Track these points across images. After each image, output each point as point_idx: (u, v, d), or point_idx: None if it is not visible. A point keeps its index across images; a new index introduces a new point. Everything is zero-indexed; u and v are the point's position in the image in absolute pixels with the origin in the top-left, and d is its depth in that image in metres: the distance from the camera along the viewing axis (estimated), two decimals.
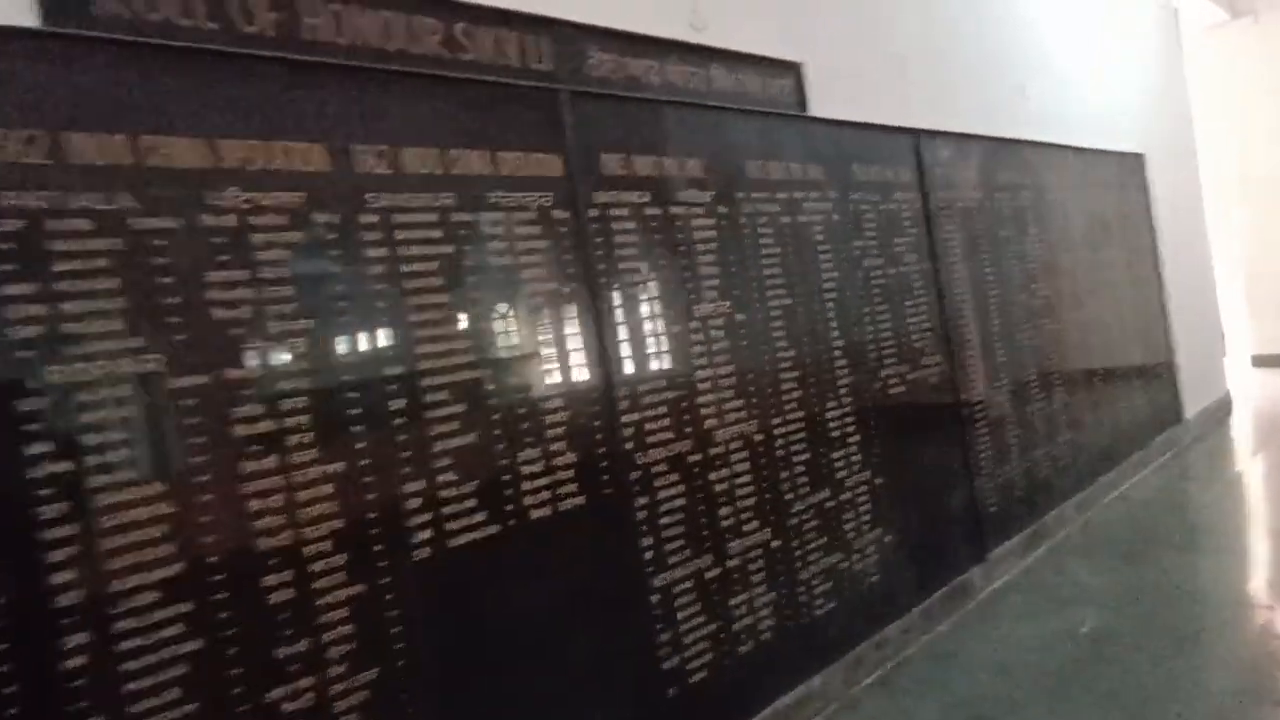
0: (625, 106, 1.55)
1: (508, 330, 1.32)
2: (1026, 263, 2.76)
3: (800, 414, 1.81)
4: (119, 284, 0.96)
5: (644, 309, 1.53)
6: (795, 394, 1.81)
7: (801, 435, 1.81)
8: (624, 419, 1.47)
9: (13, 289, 0.89)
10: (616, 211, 1.51)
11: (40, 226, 0.92)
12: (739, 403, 1.68)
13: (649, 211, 1.56)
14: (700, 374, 1.61)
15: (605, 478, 1.43)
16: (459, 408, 1.24)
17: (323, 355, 1.11)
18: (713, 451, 1.62)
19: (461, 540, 1.22)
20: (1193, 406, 3.87)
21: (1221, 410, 4.26)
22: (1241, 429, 4.11)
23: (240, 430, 1.03)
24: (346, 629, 1.09)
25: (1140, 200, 3.70)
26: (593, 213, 1.47)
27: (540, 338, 1.36)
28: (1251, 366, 5.59)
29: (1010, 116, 2.80)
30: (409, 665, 1.15)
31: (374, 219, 1.18)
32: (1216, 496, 3.06)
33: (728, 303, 1.69)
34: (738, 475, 1.66)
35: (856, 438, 1.95)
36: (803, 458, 1.81)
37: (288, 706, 1.04)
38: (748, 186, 1.78)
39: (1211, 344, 4.36)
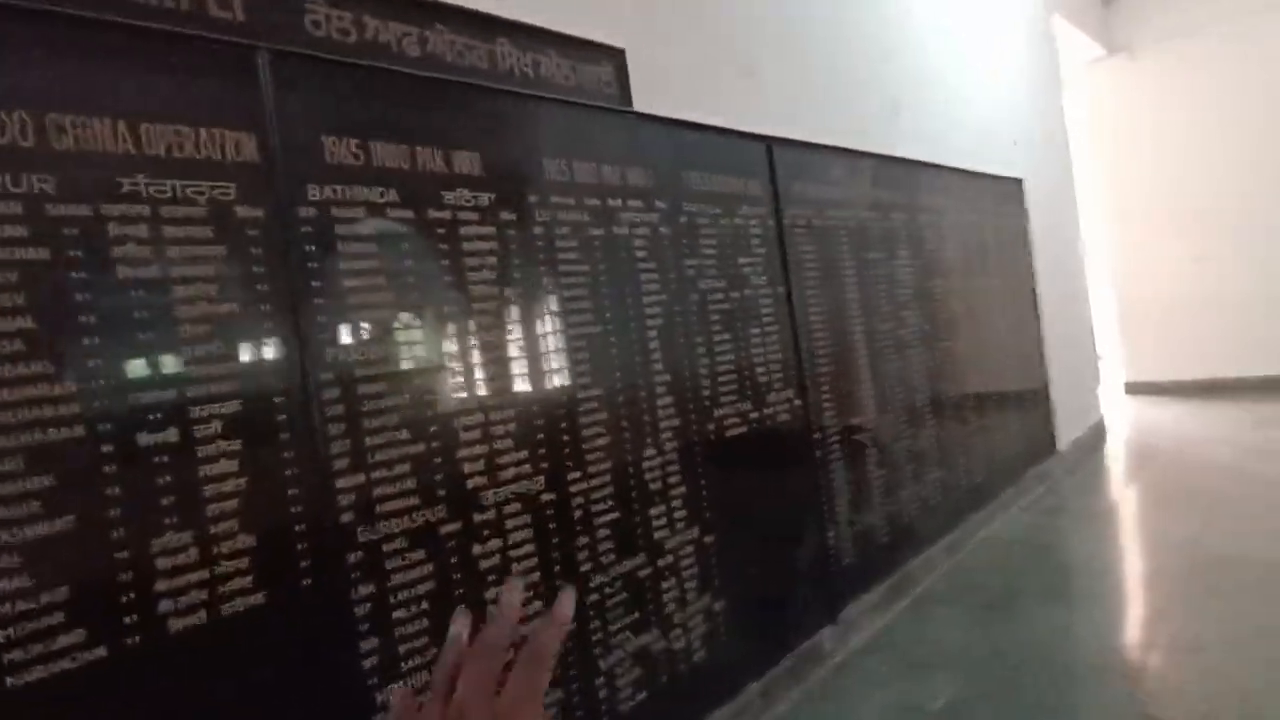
0: (364, 78, 1.21)
1: (138, 371, 0.95)
2: (896, 288, 2.57)
3: (606, 465, 1.50)
4: None
5: (377, 339, 1.18)
6: (600, 441, 1.50)
7: (607, 490, 1.50)
8: (340, 483, 1.12)
9: None
10: (343, 212, 1.16)
11: None
12: (518, 454, 1.36)
13: (395, 214, 1.22)
14: (464, 421, 1.28)
15: (304, 564, 1.07)
16: (40, 482, 0.86)
17: None
18: (478, 518, 1.28)
19: (33, 675, 0.84)
20: (1066, 436, 3.82)
21: (1095, 439, 4.25)
22: (1115, 458, 4.10)
23: None
24: None
25: (1018, 226, 3.62)
26: (305, 212, 1.12)
27: (202, 374, 1.00)
28: (1125, 394, 5.71)
29: (883, 132, 2.61)
30: None
31: None
32: (1088, 535, 2.95)
33: (508, 330, 1.36)
34: (514, 545, 1.33)
35: (681, 490, 1.66)
36: (608, 518, 1.50)
37: None
38: (545, 190, 1.47)
39: (1086, 372, 4.36)
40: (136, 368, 0.95)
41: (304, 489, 1.08)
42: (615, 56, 1.64)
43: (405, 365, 1.21)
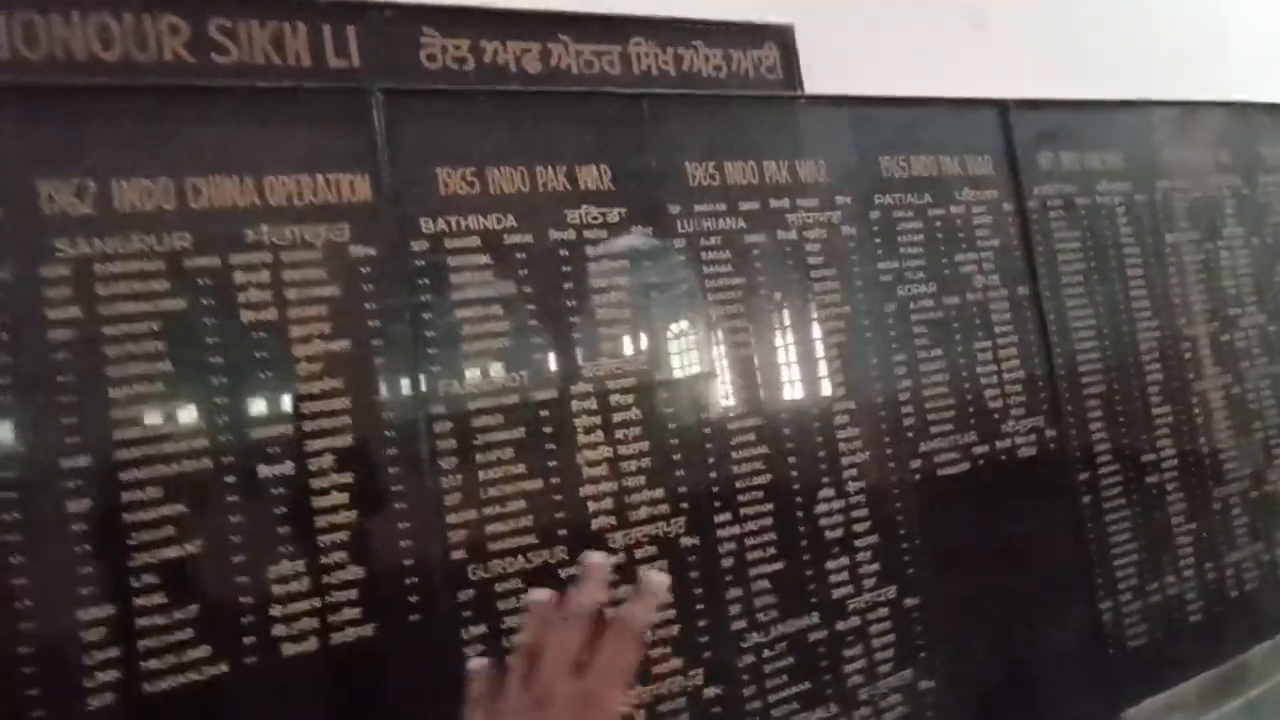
0: (478, 104, 1.19)
1: (259, 408, 1.02)
2: (1218, 277, 1.92)
3: (765, 507, 1.30)
4: None
5: (490, 371, 1.15)
6: (757, 480, 1.30)
7: (767, 537, 1.30)
8: (451, 518, 1.10)
9: None
10: (456, 243, 1.15)
11: None
12: (652, 493, 1.23)
13: (512, 239, 1.18)
14: (587, 456, 1.19)
15: (414, 599, 1.07)
16: (169, 510, 0.96)
17: None
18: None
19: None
20: None
21: None
22: None
23: None
24: None
25: None
26: (417, 245, 1.12)
27: (316, 410, 1.04)
28: None
29: (1193, 71, 1.97)
30: None
31: (64, 271, 0.94)
32: None
33: (639, 356, 1.25)
34: None
35: (871, 539, 1.38)
36: (768, 569, 1.29)
37: None
38: (689, 197, 1.32)
39: None
40: (257, 405, 1.02)
41: (415, 523, 1.08)
42: (780, 35, 1.43)
43: (520, 398, 1.16)
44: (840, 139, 1.47)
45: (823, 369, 1.40)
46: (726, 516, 1.28)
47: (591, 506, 1.19)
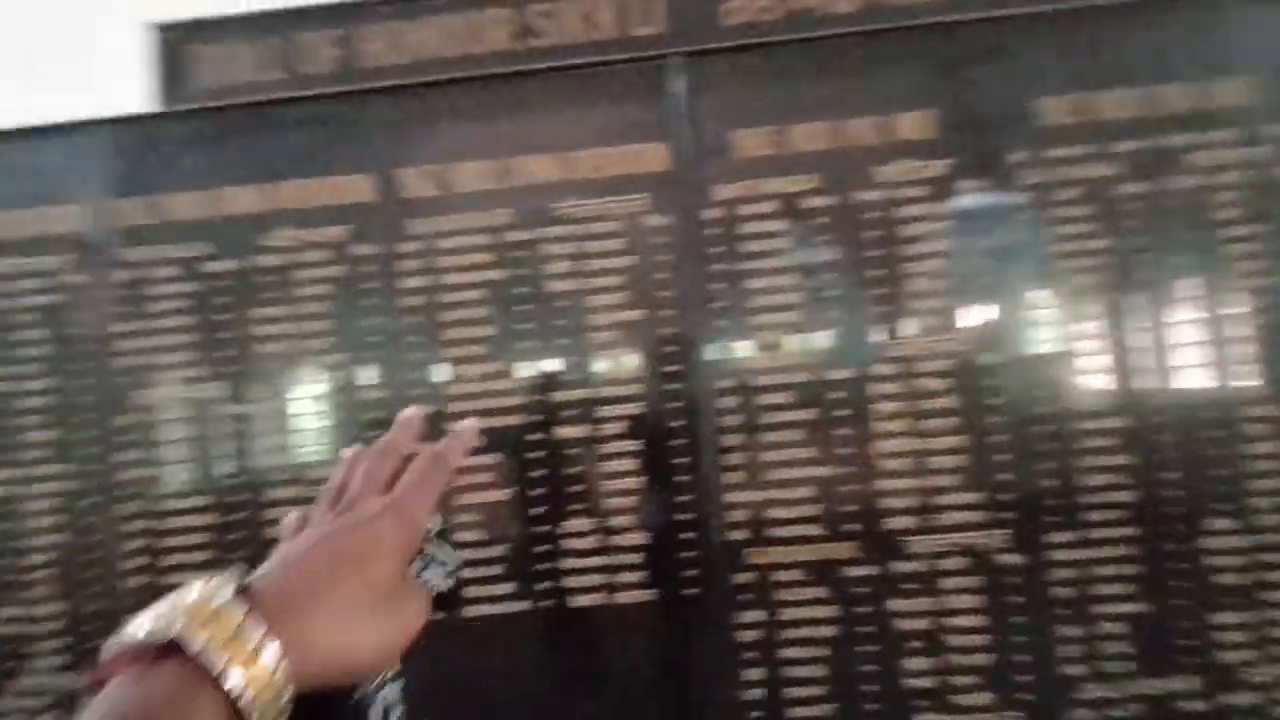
0: (779, 56, 1.09)
1: (559, 372, 1.08)
2: None
3: (1125, 530, 1.02)
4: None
5: (781, 346, 1.06)
6: (1119, 496, 1.03)
7: (1124, 570, 1.02)
8: (730, 497, 1.06)
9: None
10: (750, 209, 1.08)
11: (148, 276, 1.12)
12: (964, 496, 1.04)
13: (811, 203, 1.07)
14: (882, 447, 1.05)
15: (691, 572, 1.05)
16: (487, 458, 1.07)
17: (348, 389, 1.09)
18: (899, 567, 1.04)
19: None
20: None
21: None
22: None
23: None
24: None
25: None
26: (709, 214, 1.08)
27: (608, 378, 1.07)
28: None
29: None
30: None
31: (414, 246, 1.10)
32: None
33: (959, 335, 1.05)
34: (951, 612, 1.03)
35: None
36: (1122, 608, 1.02)
37: None
38: (1039, 140, 1.07)
39: None
40: (558, 369, 1.08)
41: (695, 497, 1.06)
42: None
43: (813, 375, 1.06)
44: (1273, 46, 1.06)
45: (1229, 357, 1.05)
46: (1067, 536, 1.04)
47: (887, 503, 1.05)
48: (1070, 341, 1.05)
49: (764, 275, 1.07)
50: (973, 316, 1.06)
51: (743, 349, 1.07)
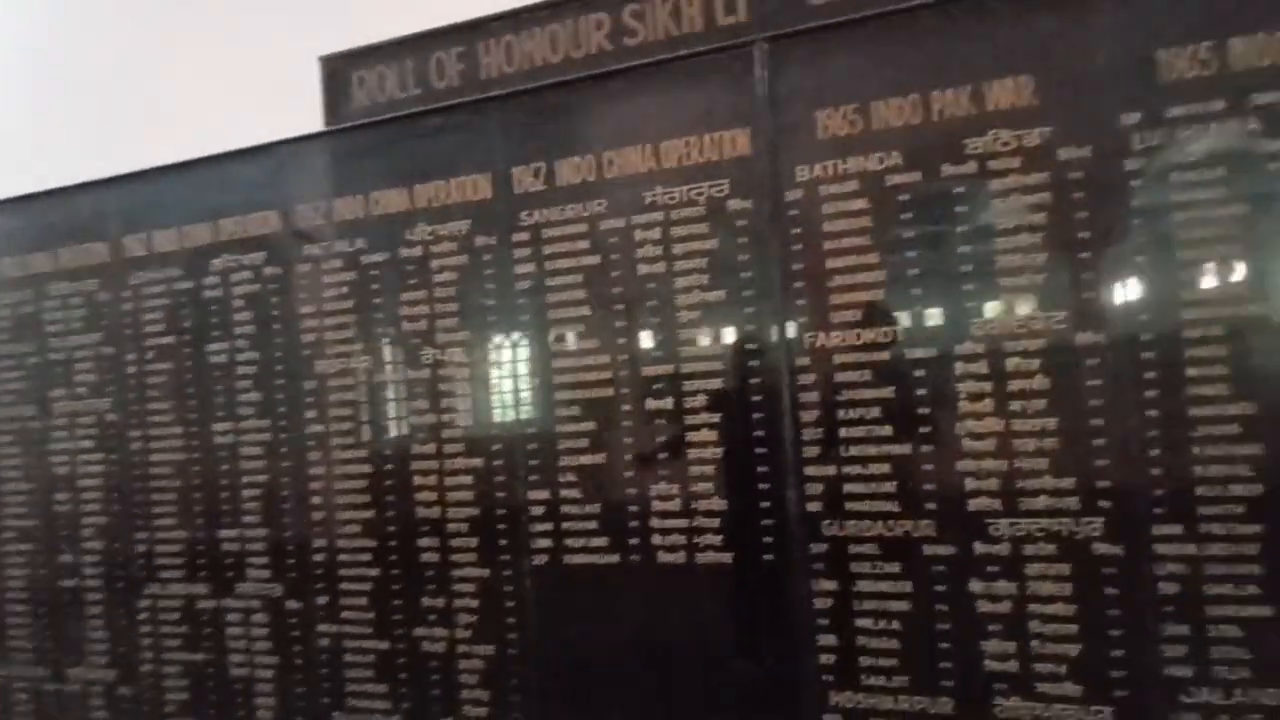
0: (863, 34, 1.08)
1: (650, 347, 1.17)
2: None
3: (1251, 530, 0.93)
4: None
5: (857, 327, 1.07)
6: (1239, 489, 0.94)
7: (1248, 570, 0.93)
8: (809, 470, 1.10)
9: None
10: (832, 189, 1.09)
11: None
12: (1058, 482, 1.00)
13: (892, 180, 1.07)
14: (966, 427, 1.03)
15: (768, 539, 1.11)
16: (586, 425, 1.19)
17: None
18: (980, 548, 1.03)
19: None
20: None
21: None
22: None
23: None
24: None
25: None
26: (791, 195, 1.11)
27: (693, 353, 1.15)
28: None
29: None
30: None
31: (524, 236, 1.23)
32: None
33: (1051, 308, 1.00)
34: (1036, 599, 1.01)
35: None
36: (1242, 612, 0.93)
37: None
38: (1158, 100, 0.97)
39: None
40: (648, 346, 1.18)
41: (772, 468, 1.12)
42: None
43: (892, 355, 1.06)
44: None
45: None
46: (1174, 529, 0.96)
47: (970, 484, 1.04)
48: (1184, 324, 0.96)
49: (845, 254, 1.09)
50: (1055, 296, 1.01)
51: (821, 327, 1.10)
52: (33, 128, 1.61)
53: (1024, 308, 1.02)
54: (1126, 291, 1.00)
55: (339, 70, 1.34)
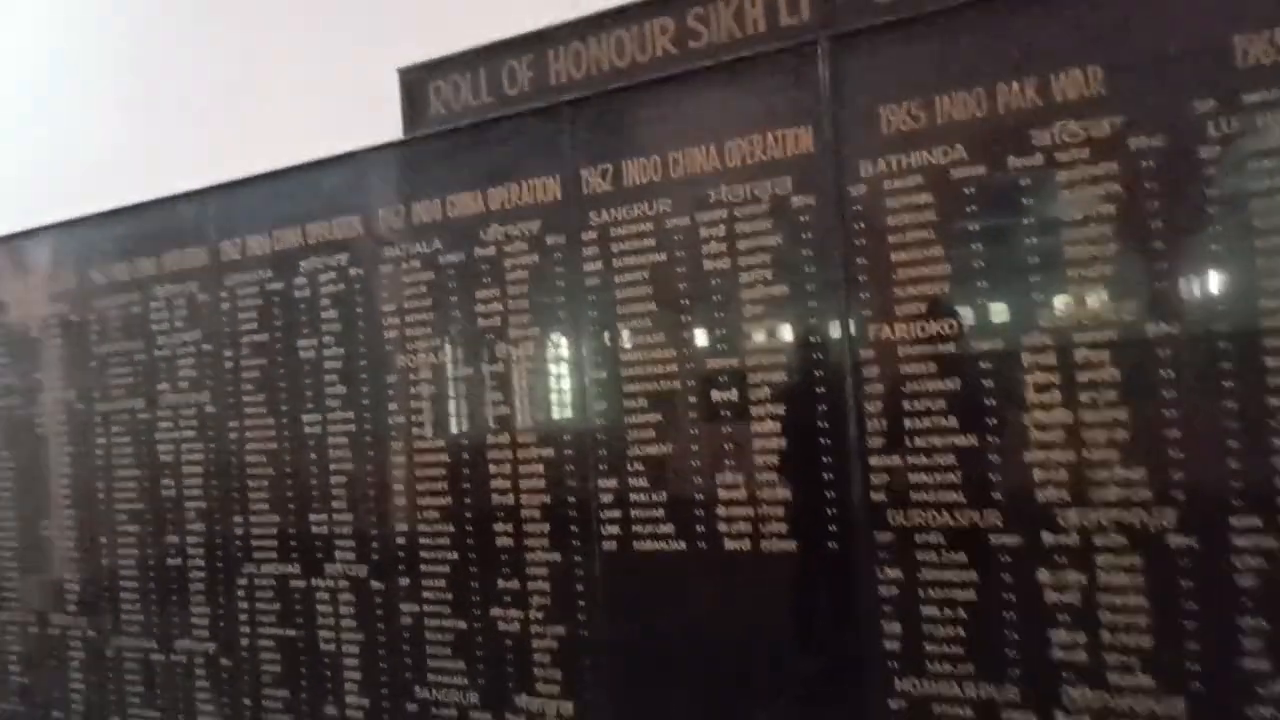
0: (927, 28, 1.09)
1: (712, 343, 1.20)
2: None
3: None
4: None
5: (926, 317, 1.09)
6: None
7: None
8: (873, 460, 1.12)
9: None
10: (895, 184, 1.11)
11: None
12: (1127, 472, 0.99)
13: (959, 173, 1.07)
14: (1035, 418, 1.03)
15: (833, 527, 1.14)
16: (651, 417, 1.24)
17: None
18: (1049, 539, 1.03)
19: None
20: None
21: None
22: None
23: None
24: None
25: None
26: (855, 190, 1.13)
27: (757, 347, 1.18)
28: None
29: None
30: None
31: (593, 235, 1.28)
32: None
33: (1123, 297, 1.00)
34: (1106, 589, 1.00)
35: None
36: None
37: None
38: (1234, 84, 0.96)
39: None
40: (713, 340, 1.21)
41: (836, 458, 1.14)
42: None
43: (958, 348, 1.08)
44: None
45: None
46: (1253, 521, 0.95)
47: (1038, 475, 1.04)
48: (1263, 315, 0.95)
49: (909, 248, 1.10)
50: (1128, 287, 1.00)
51: (884, 320, 1.11)
52: (138, 143, 1.74)
53: (1094, 300, 1.02)
54: (1201, 282, 0.99)
55: (416, 81, 1.41)
